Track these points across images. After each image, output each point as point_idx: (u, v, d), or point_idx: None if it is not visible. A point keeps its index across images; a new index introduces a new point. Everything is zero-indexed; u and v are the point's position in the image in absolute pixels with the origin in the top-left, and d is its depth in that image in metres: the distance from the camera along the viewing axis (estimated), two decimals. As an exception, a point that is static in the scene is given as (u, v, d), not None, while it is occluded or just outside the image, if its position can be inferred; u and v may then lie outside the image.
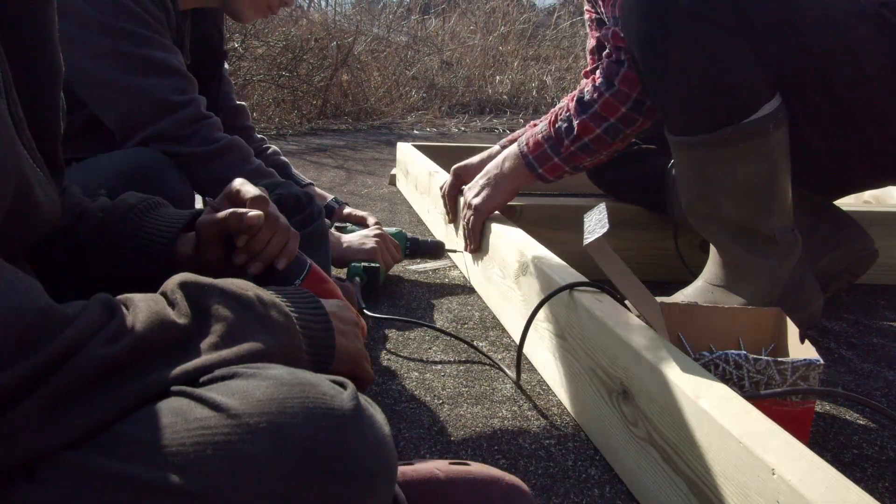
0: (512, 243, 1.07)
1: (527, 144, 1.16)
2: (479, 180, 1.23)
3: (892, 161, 1.00)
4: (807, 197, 1.09)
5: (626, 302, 0.82)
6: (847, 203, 1.32)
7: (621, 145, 1.13)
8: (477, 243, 1.24)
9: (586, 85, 1.11)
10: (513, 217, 1.27)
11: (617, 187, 1.40)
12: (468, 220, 1.23)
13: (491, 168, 1.21)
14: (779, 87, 0.91)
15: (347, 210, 1.37)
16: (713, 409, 0.55)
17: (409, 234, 1.38)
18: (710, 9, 0.86)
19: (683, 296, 1.03)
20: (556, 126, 1.12)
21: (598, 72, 1.11)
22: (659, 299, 1.04)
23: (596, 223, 0.71)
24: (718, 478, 0.53)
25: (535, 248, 1.02)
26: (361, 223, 1.33)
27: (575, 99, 1.11)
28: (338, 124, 3.83)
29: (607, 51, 1.09)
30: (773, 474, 0.47)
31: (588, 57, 1.25)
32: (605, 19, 1.08)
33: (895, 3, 0.88)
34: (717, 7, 0.86)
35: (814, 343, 1.08)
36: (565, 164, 1.14)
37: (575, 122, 1.10)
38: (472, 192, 1.23)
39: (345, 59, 3.93)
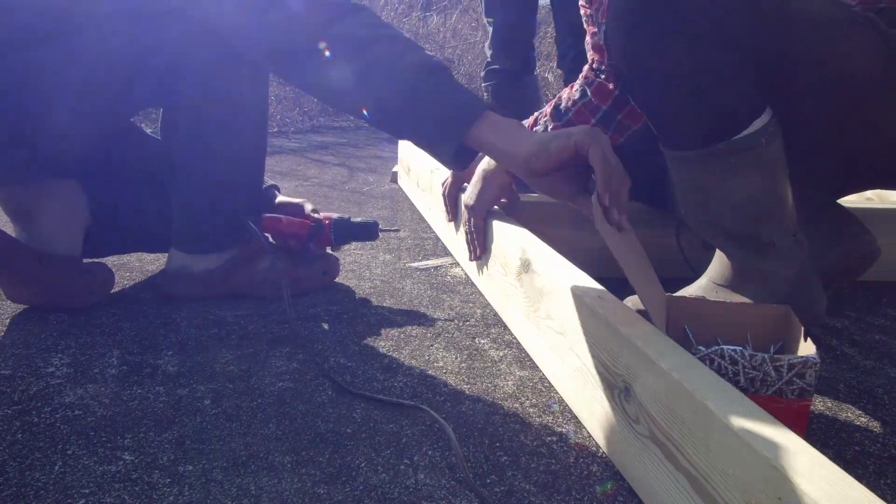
0: (514, 240, 1.06)
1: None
2: (472, 180, 1.23)
3: (887, 169, 1.00)
4: (808, 195, 1.09)
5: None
6: (849, 200, 1.31)
7: None
8: (482, 246, 1.24)
9: (565, 92, 1.12)
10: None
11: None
12: (468, 223, 1.23)
13: (479, 165, 1.22)
14: (771, 98, 0.91)
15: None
16: (715, 405, 0.54)
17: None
18: (691, 27, 0.85)
19: (687, 294, 1.03)
20: (534, 129, 1.13)
21: (578, 79, 1.11)
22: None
23: None
24: (720, 474, 0.53)
25: (536, 246, 1.02)
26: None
27: (553, 104, 1.12)
28: (339, 122, 3.83)
29: (590, 57, 1.10)
30: (775, 470, 0.47)
31: (589, 52, 1.25)
32: (595, 22, 1.07)
33: (891, 10, 0.87)
34: (699, 24, 0.85)
35: (815, 340, 1.08)
36: None
37: (549, 128, 1.11)
38: (466, 194, 1.24)
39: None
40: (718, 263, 1.02)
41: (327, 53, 0.89)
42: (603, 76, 1.06)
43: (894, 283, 1.38)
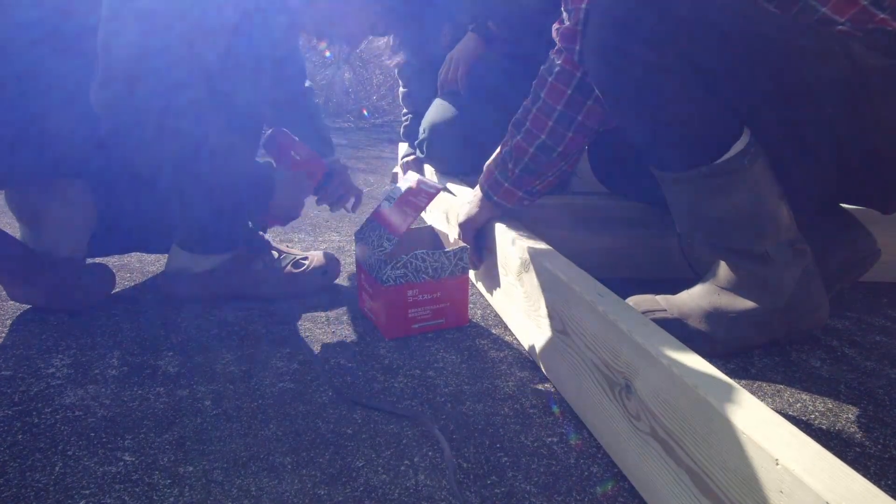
0: (514, 240, 1.07)
1: (483, 173, 1.17)
2: (465, 200, 1.22)
3: (852, 195, 1.02)
4: (809, 197, 1.09)
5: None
6: (850, 201, 1.31)
7: (564, 164, 1.10)
8: (475, 260, 1.23)
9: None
10: None
11: (622, 184, 1.40)
12: (459, 237, 1.23)
13: (476, 189, 1.21)
14: (749, 122, 0.92)
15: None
16: (716, 401, 0.54)
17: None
18: (664, 59, 0.86)
19: (688, 295, 1.03)
20: (503, 150, 1.12)
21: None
22: (661, 297, 1.04)
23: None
24: (721, 469, 0.53)
25: (536, 246, 1.02)
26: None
27: (513, 119, 1.10)
28: (340, 122, 3.83)
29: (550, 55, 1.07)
30: (777, 464, 0.47)
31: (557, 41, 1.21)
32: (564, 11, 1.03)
33: (880, 30, 0.87)
34: (671, 56, 0.86)
35: (816, 341, 1.08)
36: (517, 189, 1.13)
37: (512, 144, 1.09)
38: (459, 212, 1.23)
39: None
40: (721, 267, 1.02)
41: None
42: (553, 75, 1.05)
43: (895, 284, 1.38)
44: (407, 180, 1.13)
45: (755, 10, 0.88)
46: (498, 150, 1.15)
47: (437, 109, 1.73)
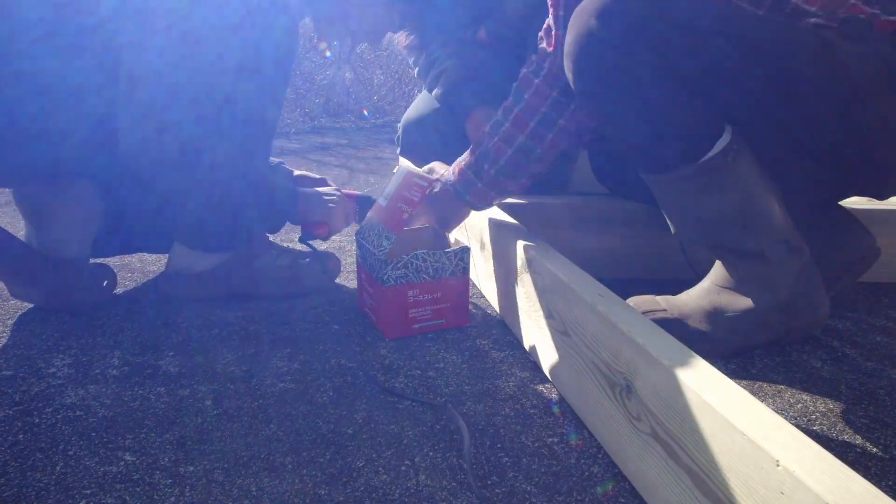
0: (515, 240, 1.07)
1: (453, 172, 1.15)
2: (427, 204, 1.20)
3: (845, 186, 1.01)
4: (808, 196, 1.09)
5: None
6: (850, 201, 1.31)
7: (539, 166, 1.09)
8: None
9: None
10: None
11: (621, 184, 1.40)
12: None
13: (435, 195, 1.19)
14: (732, 120, 0.92)
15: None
16: (717, 402, 0.54)
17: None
18: (637, 60, 0.86)
19: (689, 296, 1.03)
20: (478, 150, 1.11)
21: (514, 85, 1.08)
22: (661, 297, 1.05)
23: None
24: (722, 470, 0.53)
25: (537, 246, 1.02)
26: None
27: (492, 120, 1.09)
28: (340, 122, 3.84)
29: (532, 58, 1.06)
30: (778, 465, 0.47)
31: (541, 43, 1.15)
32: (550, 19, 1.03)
33: (852, 19, 0.87)
34: (645, 58, 0.86)
35: (817, 341, 1.08)
36: (490, 189, 1.12)
37: (490, 145, 1.08)
38: (434, 217, 1.21)
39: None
40: (720, 266, 1.02)
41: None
42: (540, 76, 1.04)
43: (895, 284, 1.38)
44: (399, 174, 1.13)
45: (728, 7, 0.87)
46: (469, 150, 1.14)
47: (417, 104, 1.74)
